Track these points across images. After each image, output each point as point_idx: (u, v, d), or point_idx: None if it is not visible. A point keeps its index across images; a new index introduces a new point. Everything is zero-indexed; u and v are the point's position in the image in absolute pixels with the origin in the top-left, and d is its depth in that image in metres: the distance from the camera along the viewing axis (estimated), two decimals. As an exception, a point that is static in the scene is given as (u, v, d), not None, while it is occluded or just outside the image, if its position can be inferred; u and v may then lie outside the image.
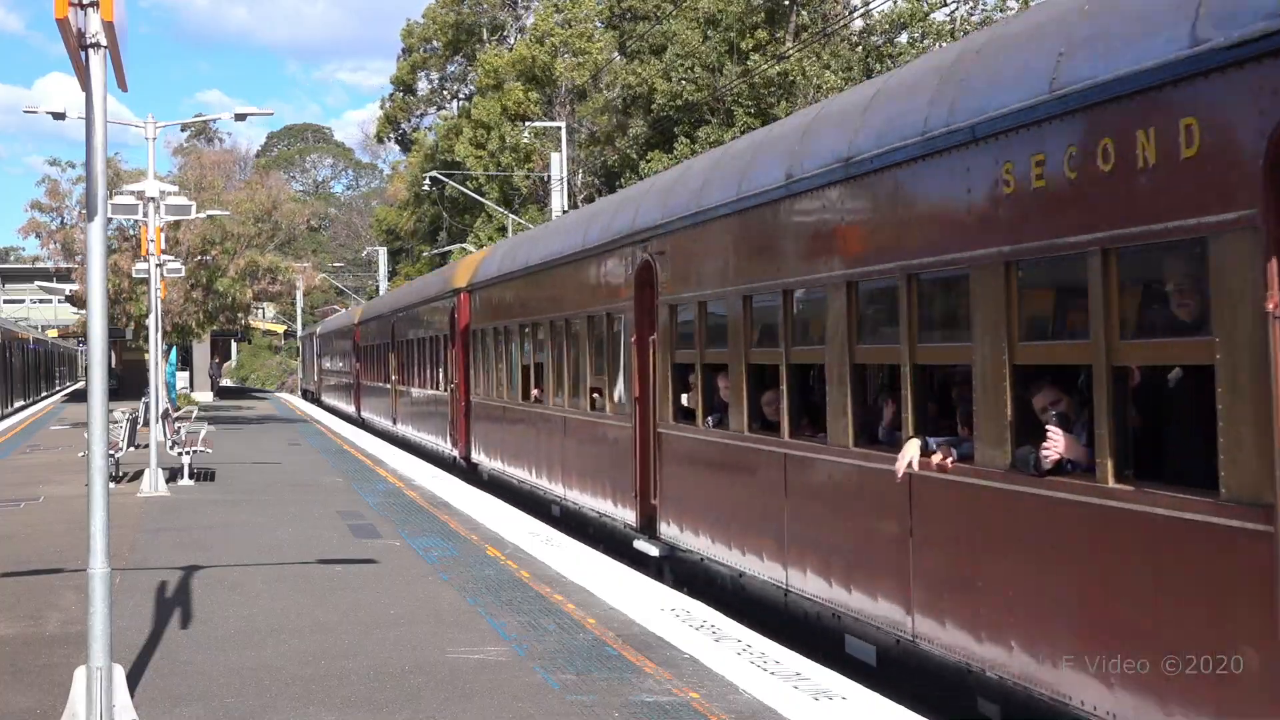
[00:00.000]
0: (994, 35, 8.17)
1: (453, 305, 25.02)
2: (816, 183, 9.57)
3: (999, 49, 7.76)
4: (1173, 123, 5.88)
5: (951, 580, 7.82)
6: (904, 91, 8.75)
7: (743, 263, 11.04)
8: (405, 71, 72.59)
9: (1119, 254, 6.31)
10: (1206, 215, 5.70)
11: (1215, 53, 5.61)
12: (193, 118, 53.36)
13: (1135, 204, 6.13)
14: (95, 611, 7.53)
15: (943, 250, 7.88)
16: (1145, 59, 6.07)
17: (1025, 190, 6.98)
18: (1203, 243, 5.76)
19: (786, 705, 7.95)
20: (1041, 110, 6.80)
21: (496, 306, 21.59)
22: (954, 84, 7.92)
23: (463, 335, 24.21)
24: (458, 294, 24.57)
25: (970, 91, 7.66)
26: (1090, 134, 6.47)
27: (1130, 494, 6.24)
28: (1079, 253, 6.50)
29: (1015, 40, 7.61)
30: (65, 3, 7.10)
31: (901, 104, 8.61)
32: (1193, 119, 5.77)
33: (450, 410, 25.63)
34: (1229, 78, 5.58)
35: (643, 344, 13.59)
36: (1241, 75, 5.51)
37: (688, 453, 12.47)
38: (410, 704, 8.17)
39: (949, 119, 7.75)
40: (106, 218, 8.09)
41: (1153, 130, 6.00)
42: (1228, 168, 5.60)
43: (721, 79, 40.51)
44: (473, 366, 23.44)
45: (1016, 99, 7.04)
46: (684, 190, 12.82)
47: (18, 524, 16.94)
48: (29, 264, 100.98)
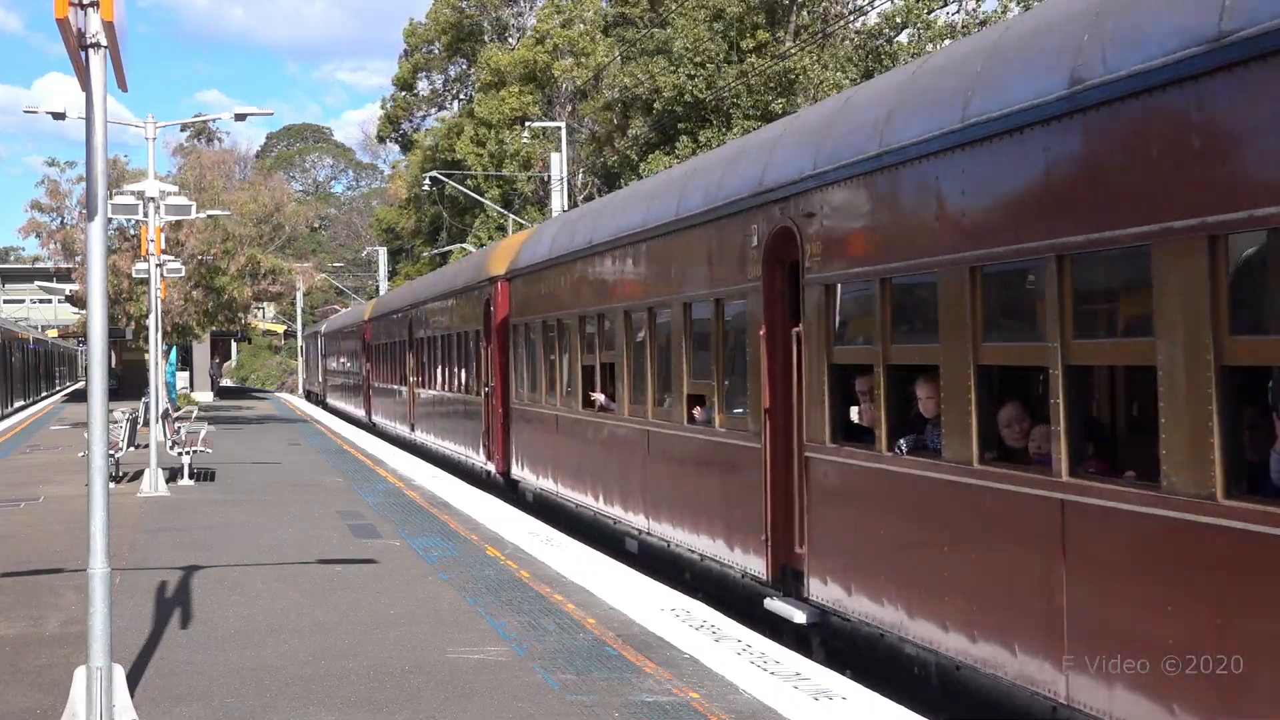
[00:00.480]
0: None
1: (488, 296, 21.85)
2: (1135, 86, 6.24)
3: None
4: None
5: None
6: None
7: (973, 219, 7.63)
8: (407, 72, 72.57)
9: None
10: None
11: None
12: (193, 118, 53.35)
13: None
14: (95, 611, 7.53)
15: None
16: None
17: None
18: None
19: (786, 705, 7.95)
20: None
21: (546, 295, 18.18)
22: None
23: (500, 330, 21.06)
24: (494, 283, 21.37)
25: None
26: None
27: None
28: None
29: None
30: (65, 3, 7.10)
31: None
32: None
33: (484, 417, 22.34)
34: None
35: (777, 338, 10.46)
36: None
37: (859, 487, 9.16)
38: (410, 704, 8.17)
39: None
40: (106, 218, 8.08)
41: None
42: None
43: (722, 78, 40.50)
44: (513, 366, 20.15)
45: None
46: (849, 125, 9.47)
47: (18, 524, 16.94)
48: (29, 264, 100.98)
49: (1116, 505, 6.36)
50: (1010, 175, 7.29)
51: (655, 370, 13.46)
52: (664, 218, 13.12)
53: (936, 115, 8.04)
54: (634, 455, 14.04)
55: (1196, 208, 5.84)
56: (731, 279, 11.28)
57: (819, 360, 9.58)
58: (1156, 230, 6.04)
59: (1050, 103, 6.81)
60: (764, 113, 38.75)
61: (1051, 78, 6.86)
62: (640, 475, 13.87)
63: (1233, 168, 5.69)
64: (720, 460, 11.60)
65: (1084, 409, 7.20)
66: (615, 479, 14.80)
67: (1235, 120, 5.69)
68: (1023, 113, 7.04)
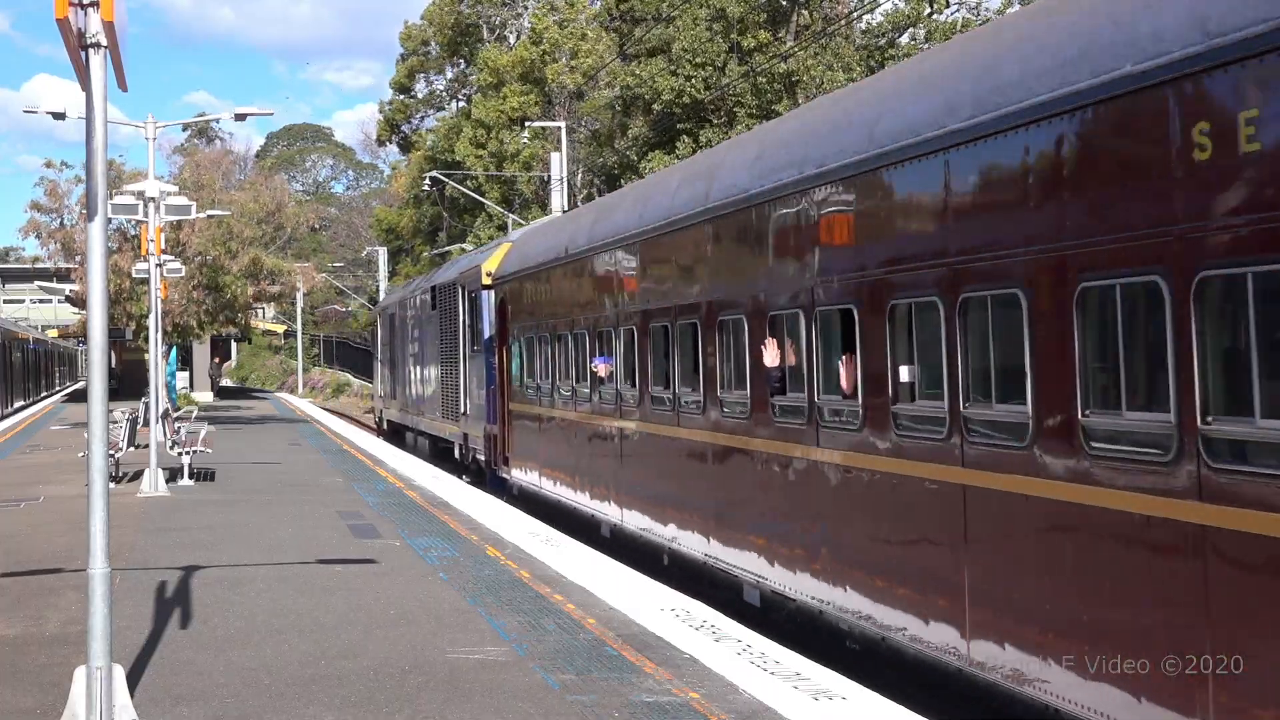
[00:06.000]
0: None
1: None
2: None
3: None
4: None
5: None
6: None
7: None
8: (404, 74, 72.58)
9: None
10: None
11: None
12: (194, 118, 53.40)
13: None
14: (95, 611, 7.53)
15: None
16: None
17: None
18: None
19: (786, 705, 7.95)
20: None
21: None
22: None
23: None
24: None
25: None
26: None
27: None
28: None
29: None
30: (65, 3, 7.10)
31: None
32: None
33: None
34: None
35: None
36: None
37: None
38: (410, 704, 8.17)
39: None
40: (106, 218, 8.09)
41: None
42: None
43: (726, 76, 40.49)
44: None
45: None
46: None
47: (18, 524, 16.94)
48: (29, 264, 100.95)
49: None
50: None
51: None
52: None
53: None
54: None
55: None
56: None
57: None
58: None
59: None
60: (767, 113, 38.75)
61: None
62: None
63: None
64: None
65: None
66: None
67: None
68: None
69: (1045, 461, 7.00)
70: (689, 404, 12.52)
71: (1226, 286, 5.90)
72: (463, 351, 25.13)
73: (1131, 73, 6.37)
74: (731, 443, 11.48)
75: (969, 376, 7.76)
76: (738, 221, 11.34)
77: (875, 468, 8.85)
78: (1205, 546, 5.95)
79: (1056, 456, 6.92)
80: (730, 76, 40.20)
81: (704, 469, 12.26)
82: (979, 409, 7.66)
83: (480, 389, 23.36)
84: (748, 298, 11.08)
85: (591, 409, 15.86)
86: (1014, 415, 7.29)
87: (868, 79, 11.77)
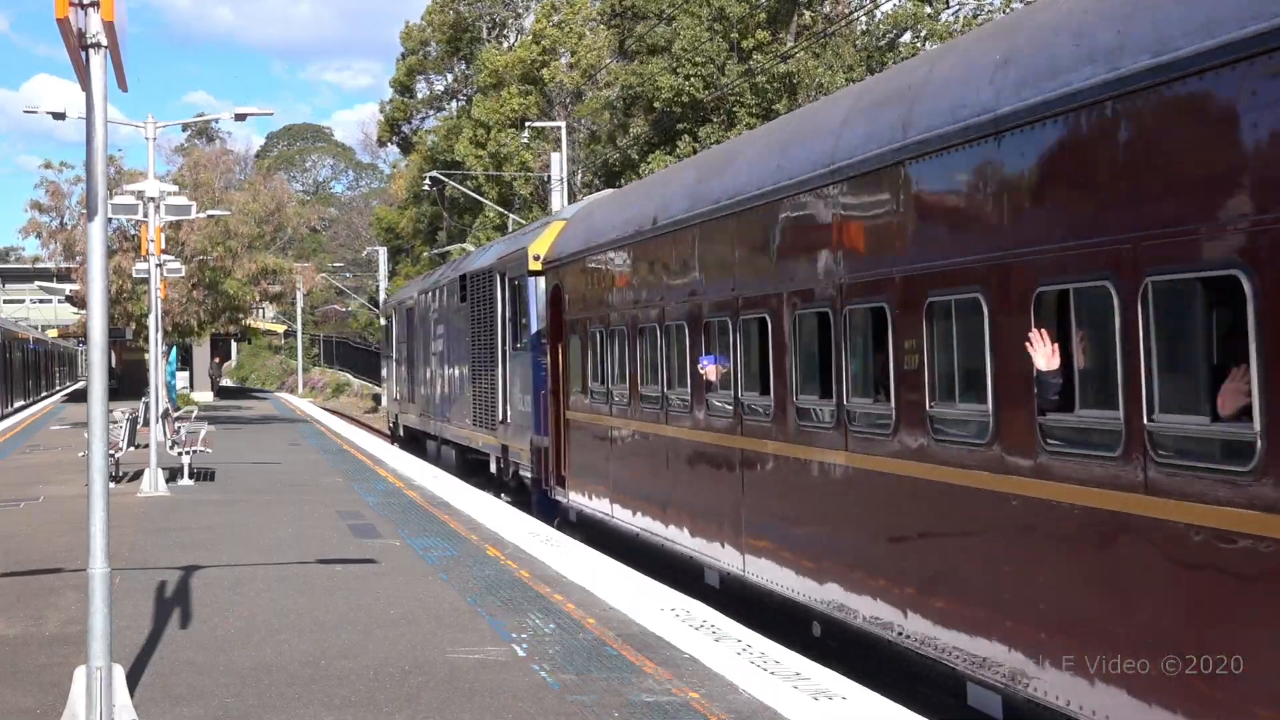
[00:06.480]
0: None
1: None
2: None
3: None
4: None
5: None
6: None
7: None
8: (404, 74, 72.58)
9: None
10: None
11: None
12: (194, 118, 53.40)
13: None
14: (95, 611, 7.53)
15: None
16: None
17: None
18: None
19: (786, 705, 7.95)
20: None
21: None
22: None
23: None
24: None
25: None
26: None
27: None
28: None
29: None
30: (65, 3, 7.10)
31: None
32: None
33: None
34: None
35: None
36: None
37: None
38: (410, 704, 8.17)
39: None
40: (107, 218, 8.09)
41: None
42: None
43: (726, 75, 40.49)
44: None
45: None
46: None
47: (18, 524, 16.94)
48: (29, 264, 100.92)
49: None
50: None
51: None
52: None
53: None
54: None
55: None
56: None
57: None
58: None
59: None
60: (767, 112, 38.76)
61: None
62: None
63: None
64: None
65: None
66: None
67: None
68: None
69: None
70: (873, 422, 9.01)
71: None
72: (502, 349, 21.81)
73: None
74: (956, 479, 7.86)
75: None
76: (966, 158, 7.80)
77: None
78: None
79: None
80: (730, 76, 40.20)
81: (889, 519, 8.80)
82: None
83: (524, 393, 20.09)
84: (989, 266, 7.51)
85: (694, 423, 12.48)
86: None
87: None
